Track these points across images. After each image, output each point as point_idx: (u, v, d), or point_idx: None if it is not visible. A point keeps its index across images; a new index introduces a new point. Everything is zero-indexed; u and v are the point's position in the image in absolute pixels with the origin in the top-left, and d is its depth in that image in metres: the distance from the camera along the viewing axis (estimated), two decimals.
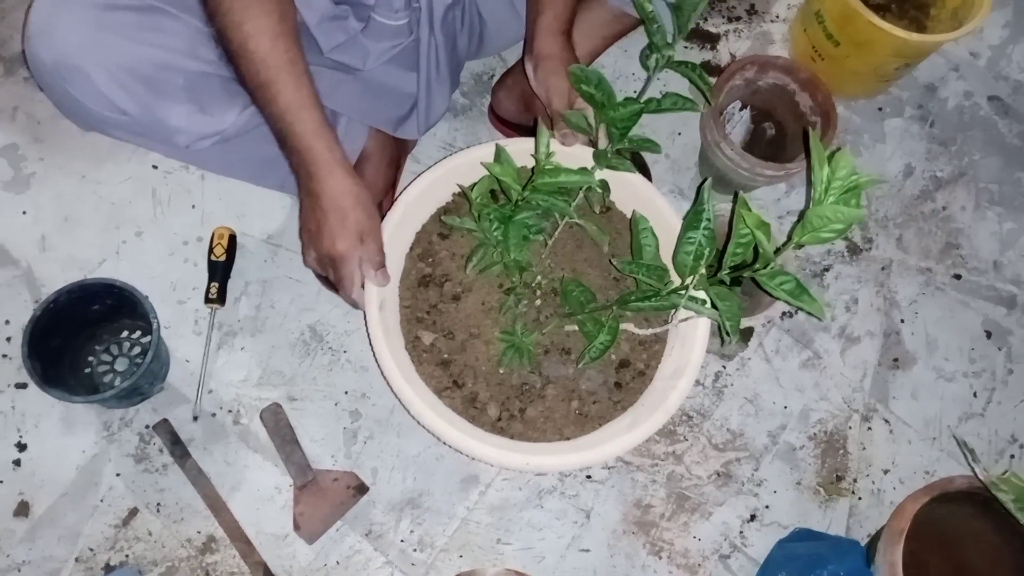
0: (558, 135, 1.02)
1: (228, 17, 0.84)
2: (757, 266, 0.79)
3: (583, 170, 0.96)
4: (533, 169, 0.96)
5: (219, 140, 1.03)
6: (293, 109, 0.87)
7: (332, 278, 0.96)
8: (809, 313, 0.83)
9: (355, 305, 0.96)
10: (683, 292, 0.87)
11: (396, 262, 1.03)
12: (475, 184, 0.98)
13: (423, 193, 1.04)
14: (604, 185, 1.02)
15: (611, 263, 0.97)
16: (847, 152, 0.70)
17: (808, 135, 0.87)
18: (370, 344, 0.95)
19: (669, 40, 0.96)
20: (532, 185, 0.96)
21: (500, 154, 0.96)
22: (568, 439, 0.98)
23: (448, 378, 1.00)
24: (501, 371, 1.01)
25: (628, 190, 1.06)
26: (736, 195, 0.79)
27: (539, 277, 1.03)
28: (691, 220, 0.84)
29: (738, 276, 0.82)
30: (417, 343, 1.01)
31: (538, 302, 1.02)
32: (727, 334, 0.84)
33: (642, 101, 0.93)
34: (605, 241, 1.02)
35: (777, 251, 0.77)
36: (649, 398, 1.00)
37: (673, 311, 0.92)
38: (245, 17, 0.83)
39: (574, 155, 1.03)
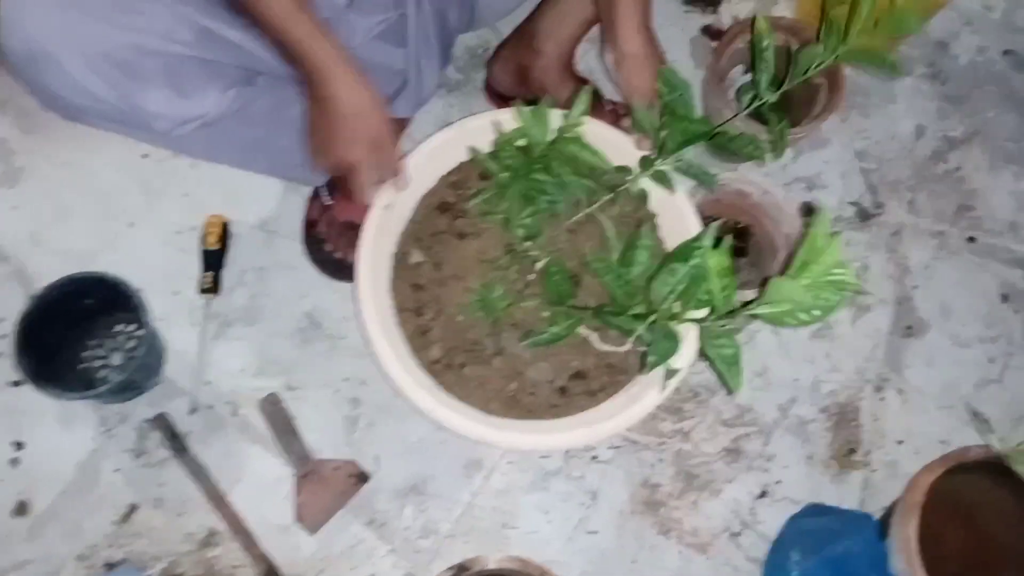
0: (633, 138, 0.99)
1: None
2: (710, 315, 0.76)
3: (601, 155, 0.93)
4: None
5: (201, 125, 1.00)
6: (285, 14, 0.86)
7: (346, 183, 0.94)
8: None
9: (365, 205, 0.95)
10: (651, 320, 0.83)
11: (430, 179, 1.02)
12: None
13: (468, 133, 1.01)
14: (641, 194, 0.98)
15: (595, 267, 0.91)
16: (839, 241, 0.66)
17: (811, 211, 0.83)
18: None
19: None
20: (552, 147, 0.93)
21: (540, 110, 0.93)
22: (489, 413, 0.94)
23: (414, 301, 0.98)
24: (460, 319, 0.97)
25: (672, 211, 1.01)
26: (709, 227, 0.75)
27: (538, 252, 1.00)
28: (683, 250, 0.78)
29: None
30: (405, 257, 1.00)
31: (531, 276, 0.99)
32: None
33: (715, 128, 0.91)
34: (618, 248, 0.94)
35: (733, 312, 0.74)
36: (588, 415, 0.95)
37: (631, 339, 0.89)
38: None
39: (618, 147, 1.00)
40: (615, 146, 1.00)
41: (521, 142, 0.96)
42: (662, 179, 0.96)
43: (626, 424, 0.92)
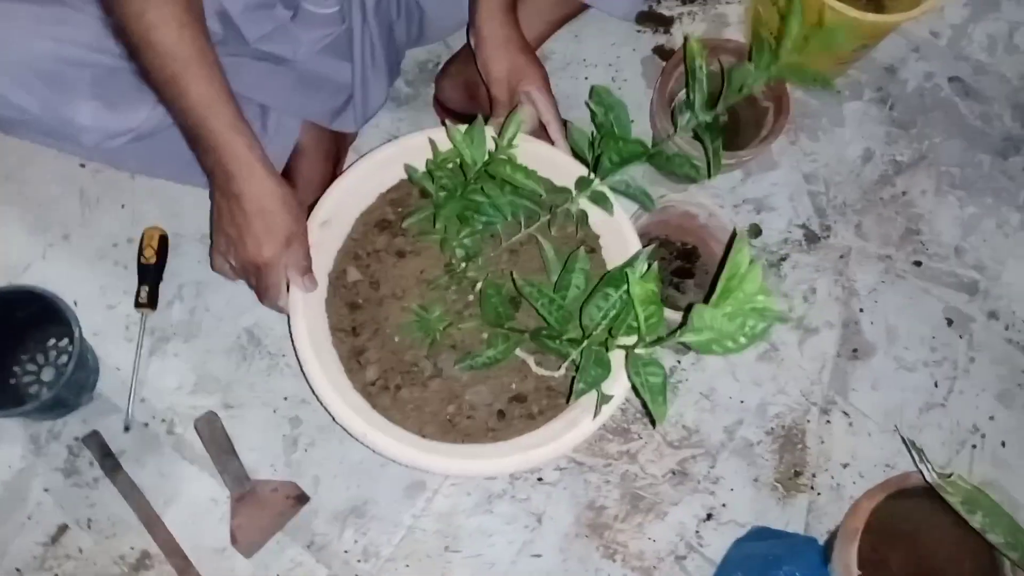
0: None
1: (127, 7, 0.78)
2: (637, 343, 0.75)
3: (535, 176, 0.92)
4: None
5: (132, 138, 0.97)
6: (205, 103, 0.81)
7: (254, 286, 0.91)
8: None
9: (280, 310, 0.91)
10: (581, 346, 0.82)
11: (369, 196, 1.01)
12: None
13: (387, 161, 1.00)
14: (581, 215, 0.97)
15: (512, 279, 0.90)
16: (759, 269, 0.66)
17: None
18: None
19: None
20: (486, 170, 0.91)
21: (474, 130, 0.91)
22: (424, 437, 0.92)
23: (349, 321, 0.96)
24: (398, 340, 0.95)
25: (614, 233, 1.00)
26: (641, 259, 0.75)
27: (477, 273, 0.99)
28: (616, 276, 0.78)
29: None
30: (342, 275, 0.98)
31: (471, 297, 0.97)
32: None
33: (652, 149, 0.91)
34: (556, 270, 0.94)
35: (661, 339, 0.73)
36: (524, 440, 0.93)
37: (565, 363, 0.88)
38: (147, 6, 0.77)
39: (557, 165, 0.99)
40: (554, 164, 0.99)
41: (455, 162, 0.95)
42: (600, 199, 0.95)
43: (560, 451, 0.91)
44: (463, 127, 0.92)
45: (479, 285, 0.97)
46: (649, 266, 0.73)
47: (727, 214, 1.16)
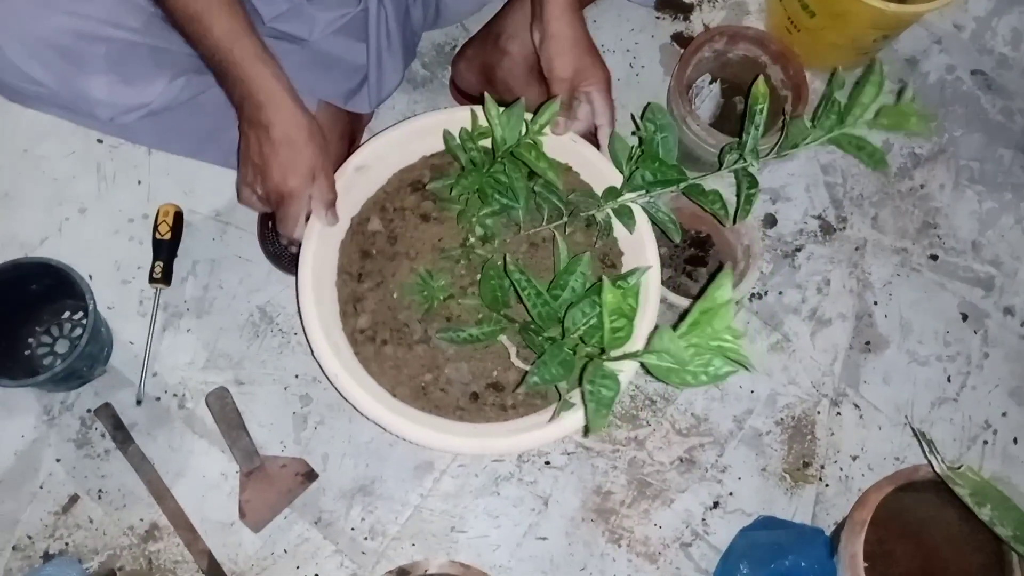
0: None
1: None
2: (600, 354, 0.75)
3: (556, 168, 0.91)
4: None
5: (147, 113, 0.98)
6: (230, 37, 0.83)
7: (276, 214, 0.91)
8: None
9: (292, 243, 0.92)
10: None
11: (412, 156, 1.01)
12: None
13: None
14: (606, 226, 0.96)
15: (505, 268, 0.88)
16: (731, 308, 0.64)
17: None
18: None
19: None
20: (512, 152, 0.91)
21: (513, 111, 0.90)
22: (394, 396, 0.93)
23: (358, 266, 0.97)
24: (396, 296, 0.96)
25: (637, 253, 0.99)
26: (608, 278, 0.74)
27: (490, 254, 0.98)
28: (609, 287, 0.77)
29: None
30: (364, 222, 0.99)
31: (478, 276, 0.97)
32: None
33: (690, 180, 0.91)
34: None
35: (625, 356, 0.73)
36: (488, 428, 0.93)
37: None
38: None
39: (599, 170, 0.98)
40: (598, 171, 0.99)
41: (486, 141, 0.94)
42: (624, 214, 0.95)
43: (518, 448, 0.90)
44: (503, 108, 0.91)
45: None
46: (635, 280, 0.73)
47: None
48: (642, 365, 0.71)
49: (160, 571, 1.06)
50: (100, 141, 1.21)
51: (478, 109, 0.95)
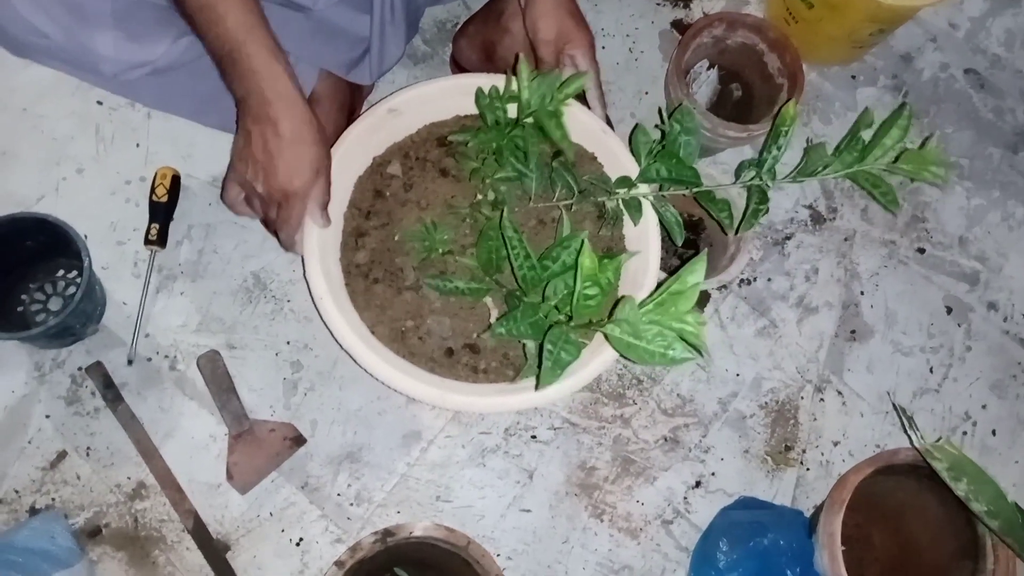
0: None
1: None
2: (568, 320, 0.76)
3: (568, 140, 0.93)
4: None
5: (150, 71, 0.98)
6: (244, 29, 0.82)
7: (275, 216, 0.91)
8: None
9: (289, 247, 0.92)
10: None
11: (445, 113, 1.04)
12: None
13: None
14: (615, 214, 0.98)
15: (501, 216, 0.89)
16: (695, 291, 0.66)
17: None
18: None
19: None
20: (533, 116, 0.93)
21: (546, 78, 0.92)
22: (372, 333, 0.94)
23: (369, 204, 1.00)
24: (397, 239, 0.98)
25: (640, 245, 1.00)
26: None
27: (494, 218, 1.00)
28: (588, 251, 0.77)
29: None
30: (384, 164, 1.01)
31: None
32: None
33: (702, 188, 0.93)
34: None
35: (590, 323, 0.74)
36: (453, 384, 0.94)
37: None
38: None
39: (617, 158, 1.00)
40: (615, 158, 1.01)
41: (511, 105, 0.96)
42: (633, 206, 0.96)
43: (474, 408, 0.91)
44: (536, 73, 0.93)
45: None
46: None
47: (735, 189, 1.17)
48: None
49: (146, 529, 1.07)
50: (100, 103, 1.21)
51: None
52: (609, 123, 1.12)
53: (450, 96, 1.02)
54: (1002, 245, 1.36)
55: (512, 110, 0.96)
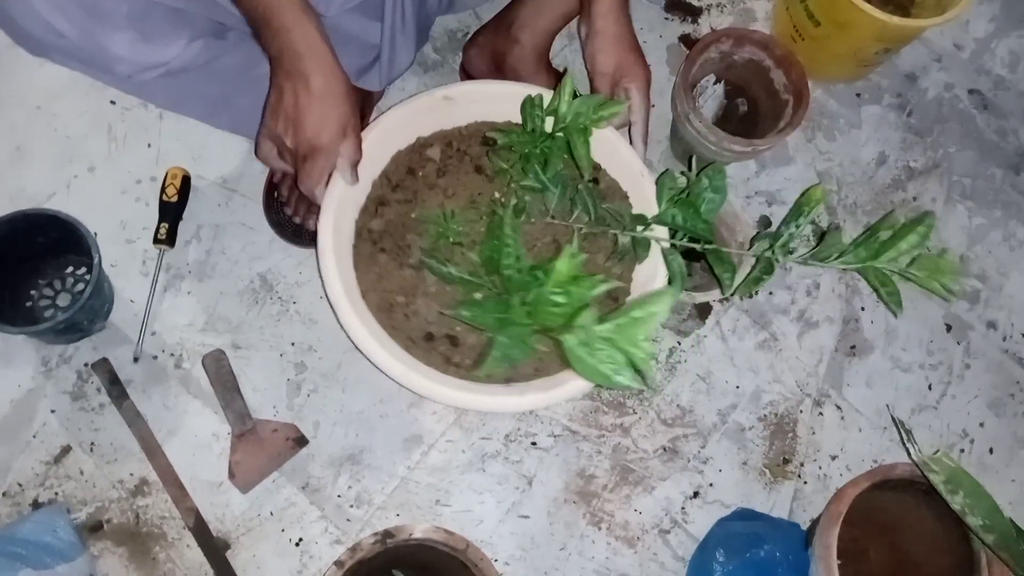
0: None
1: None
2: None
3: (588, 160, 0.95)
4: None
5: (164, 73, 0.99)
6: None
7: (297, 167, 0.91)
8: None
9: (312, 198, 0.93)
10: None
11: (498, 117, 1.05)
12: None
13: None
14: (627, 250, 0.99)
15: (500, 206, 0.92)
16: (655, 320, 0.67)
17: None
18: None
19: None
20: (563, 130, 0.96)
21: (589, 98, 0.95)
22: (363, 298, 0.95)
23: (399, 176, 1.01)
24: (414, 217, 1.00)
25: (648, 279, 1.01)
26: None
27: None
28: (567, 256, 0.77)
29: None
30: (426, 147, 1.03)
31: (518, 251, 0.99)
32: None
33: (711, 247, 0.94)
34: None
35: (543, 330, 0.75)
36: (422, 368, 0.94)
37: None
38: None
39: (643, 193, 1.01)
40: (641, 193, 1.02)
41: (550, 118, 0.98)
42: (641, 245, 0.97)
43: (430, 394, 0.91)
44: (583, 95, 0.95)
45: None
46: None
47: (739, 202, 1.18)
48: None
49: (147, 526, 1.08)
50: (113, 103, 1.23)
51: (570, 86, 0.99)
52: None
53: (508, 100, 1.03)
54: (1003, 264, 1.37)
55: (550, 124, 0.98)
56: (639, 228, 0.97)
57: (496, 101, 1.04)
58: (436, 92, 1.01)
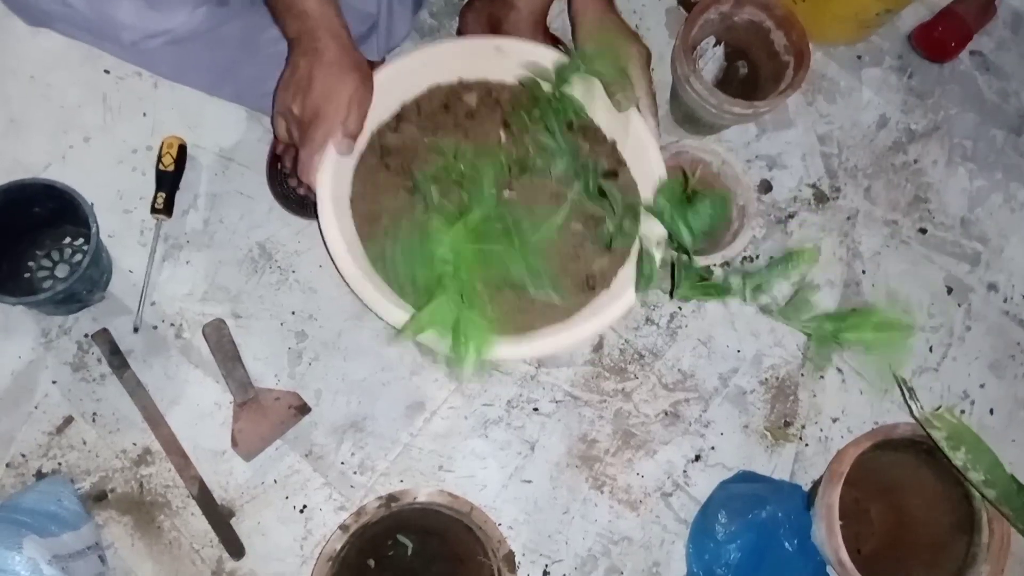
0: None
1: None
2: None
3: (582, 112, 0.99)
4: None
5: (169, 40, 0.98)
6: None
7: (299, 132, 0.93)
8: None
9: (305, 172, 0.93)
10: None
11: (512, 79, 1.06)
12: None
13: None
14: (617, 230, 1.00)
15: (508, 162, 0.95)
16: None
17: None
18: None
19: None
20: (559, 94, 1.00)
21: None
22: (351, 205, 0.98)
23: (429, 108, 1.04)
24: (427, 142, 1.02)
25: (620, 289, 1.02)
26: None
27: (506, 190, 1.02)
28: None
29: None
30: (464, 92, 1.05)
31: (492, 190, 1.00)
32: None
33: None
34: (549, 228, 0.99)
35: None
36: (381, 285, 0.96)
37: None
38: None
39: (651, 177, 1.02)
40: (650, 176, 1.03)
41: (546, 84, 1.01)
42: (623, 234, 0.99)
43: (376, 307, 0.93)
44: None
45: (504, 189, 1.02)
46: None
47: (739, 165, 1.18)
48: None
49: (151, 495, 1.08)
50: (107, 72, 1.21)
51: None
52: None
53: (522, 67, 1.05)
54: (1004, 227, 1.37)
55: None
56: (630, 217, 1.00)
57: (516, 67, 1.04)
58: (488, 40, 1.04)
